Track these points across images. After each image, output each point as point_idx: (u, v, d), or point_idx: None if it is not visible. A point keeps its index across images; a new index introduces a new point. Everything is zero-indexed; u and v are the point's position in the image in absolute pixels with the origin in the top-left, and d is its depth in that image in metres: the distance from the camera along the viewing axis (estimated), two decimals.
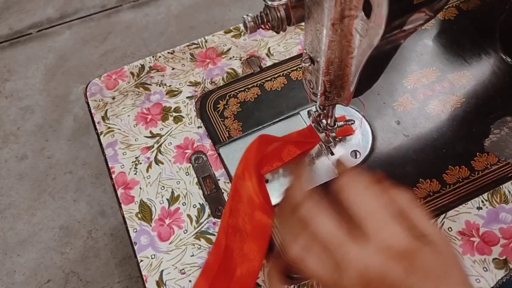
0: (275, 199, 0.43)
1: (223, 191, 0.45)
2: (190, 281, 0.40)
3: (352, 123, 0.45)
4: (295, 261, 0.28)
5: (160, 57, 0.56)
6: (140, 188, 0.46)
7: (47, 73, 1.31)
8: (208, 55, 0.56)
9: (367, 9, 0.24)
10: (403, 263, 0.25)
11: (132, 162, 0.48)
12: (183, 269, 0.41)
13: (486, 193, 0.42)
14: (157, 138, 0.49)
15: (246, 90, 0.52)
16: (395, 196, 0.28)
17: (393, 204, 0.27)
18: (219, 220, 0.43)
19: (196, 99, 0.52)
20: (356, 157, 0.45)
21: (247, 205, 0.36)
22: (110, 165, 0.48)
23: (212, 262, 0.39)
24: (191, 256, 0.42)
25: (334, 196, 0.28)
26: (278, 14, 0.31)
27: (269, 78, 0.52)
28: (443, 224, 0.41)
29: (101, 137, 0.50)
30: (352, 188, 0.28)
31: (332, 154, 0.45)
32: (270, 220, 0.36)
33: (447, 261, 0.25)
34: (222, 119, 0.49)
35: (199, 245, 0.42)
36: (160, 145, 0.49)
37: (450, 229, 0.41)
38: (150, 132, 0.50)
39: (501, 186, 0.43)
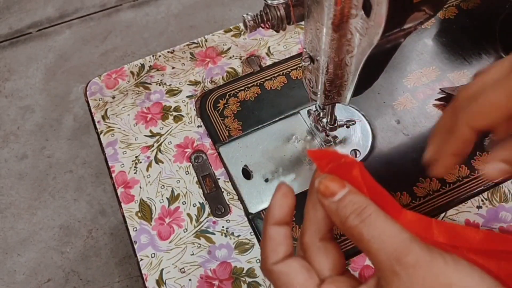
0: None
1: (223, 190, 0.45)
2: (190, 280, 0.40)
3: (353, 124, 0.45)
4: None
5: (160, 56, 0.56)
6: (140, 187, 0.46)
7: (47, 73, 1.31)
8: (208, 54, 0.56)
9: (367, 8, 0.24)
10: None
11: (132, 161, 0.48)
12: (183, 268, 0.41)
13: (486, 192, 0.42)
14: (157, 137, 0.49)
15: (246, 89, 0.52)
16: None
17: None
18: (219, 219, 0.43)
19: (196, 98, 0.52)
20: (356, 156, 0.45)
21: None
22: (110, 164, 0.48)
23: None
24: (191, 255, 0.42)
25: None
26: (278, 13, 0.31)
27: (269, 77, 0.52)
28: None
29: (101, 136, 0.50)
30: None
31: None
32: None
33: None
34: (222, 118, 0.49)
35: (199, 244, 0.42)
36: (160, 144, 0.49)
37: None
38: (150, 131, 0.50)
39: (501, 185, 0.43)
